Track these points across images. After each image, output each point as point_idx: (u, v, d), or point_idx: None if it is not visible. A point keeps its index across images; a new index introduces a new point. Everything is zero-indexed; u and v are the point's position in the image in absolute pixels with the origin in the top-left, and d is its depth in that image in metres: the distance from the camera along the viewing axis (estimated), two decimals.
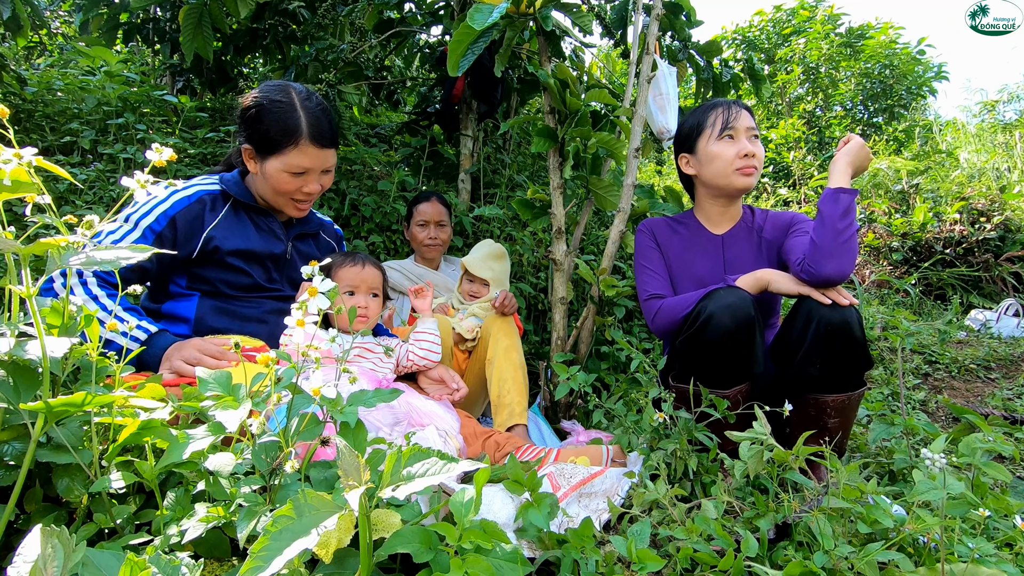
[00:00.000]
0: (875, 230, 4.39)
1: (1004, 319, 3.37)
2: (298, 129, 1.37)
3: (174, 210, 1.36)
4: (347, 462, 0.60)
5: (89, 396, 0.64)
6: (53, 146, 2.63)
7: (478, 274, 2.05)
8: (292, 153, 1.38)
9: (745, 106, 1.59)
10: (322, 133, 1.41)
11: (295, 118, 1.38)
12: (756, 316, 1.32)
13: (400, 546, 0.63)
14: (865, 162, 1.42)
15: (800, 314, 1.33)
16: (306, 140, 1.38)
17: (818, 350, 1.29)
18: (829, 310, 1.29)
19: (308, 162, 1.40)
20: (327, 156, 1.44)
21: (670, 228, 1.66)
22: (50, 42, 4.51)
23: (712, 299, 1.33)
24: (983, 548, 0.83)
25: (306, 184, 1.44)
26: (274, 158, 1.39)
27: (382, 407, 1.19)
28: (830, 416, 1.33)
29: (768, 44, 7.51)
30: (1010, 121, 6.94)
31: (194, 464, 0.76)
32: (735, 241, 1.60)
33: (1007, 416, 1.94)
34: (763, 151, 1.56)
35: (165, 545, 0.71)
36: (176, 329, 1.37)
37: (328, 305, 0.71)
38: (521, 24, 1.87)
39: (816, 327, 1.28)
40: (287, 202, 1.47)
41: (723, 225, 1.62)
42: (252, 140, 1.41)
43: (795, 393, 1.35)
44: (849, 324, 1.27)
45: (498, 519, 0.92)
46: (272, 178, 1.41)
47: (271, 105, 1.38)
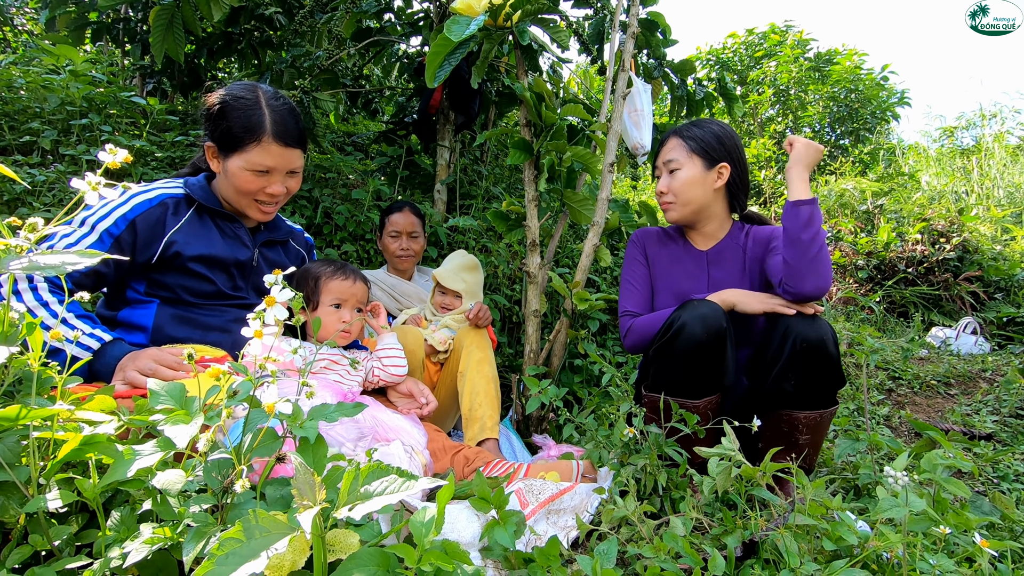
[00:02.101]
0: (841, 249, 4.50)
1: (963, 336, 3.48)
2: (261, 126, 1.33)
3: (134, 213, 1.30)
4: (302, 480, 0.58)
5: (25, 409, 0.60)
6: (12, 145, 2.53)
7: (450, 286, 2.03)
8: (255, 150, 1.34)
9: (678, 130, 1.58)
10: (287, 132, 1.37)
11: (259, 115, 1.34)
12: (728, 328, 1.33)
13: (356, 569, 0.60)
14: (816, 155, 1.41)
15: (777, 330, 1.34)
16: (269, 137, 1.34)
17: (793, 366, 1.30)
18: (805, 327, 1.30)
19: (271, 160, 1.36)
20: (292, 156, 1.40)
21: (660, 241, 1.65)
22: (14, 39, 4.37)
23: (685, 309, 1.35)
24: (944, 565, 0.84)
25: (269, 184, 1.39)
26: (236, 155, 1.35)
27: (346, 421, 1.16)
28: (802, 433, 1.34)
29: (740, 66, 7.73)
30: (967, 146, 7.25)
31: (141, 482, 0.72)
32: (720, 258, 1.58)
33: (966, 432, 2.00)
34: (680, 180, 1.52)
35: (105, 568, 0.67)
36: (133, 338, 1.30)
37: (287, 316, 0.68)
38: (499, 37, 1.87)
39: (792, 344, 1.30)
40: (250, 203, 1.42)
41: (708, 242, 1.60)
42: (215, 137, 1.36)
43: (769, 408, 1.36)
44: (824, 342, 1.28)
45: (463, 538, 0.90)
46: (234, 177, 1.37)
47: (235, 102, 1.35)
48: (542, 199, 2.05)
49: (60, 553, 0.72)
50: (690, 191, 1.52)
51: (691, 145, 1.53)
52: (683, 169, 1.53)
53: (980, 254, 4.24)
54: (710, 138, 1.53)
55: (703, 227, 1.60)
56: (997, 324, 3.83)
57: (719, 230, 1.59)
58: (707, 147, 1.52)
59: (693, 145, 1.53)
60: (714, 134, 1.54)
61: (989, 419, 2.19)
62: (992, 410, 2.30)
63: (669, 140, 1.58)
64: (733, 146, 1.54)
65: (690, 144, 1.53)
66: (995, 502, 1.24)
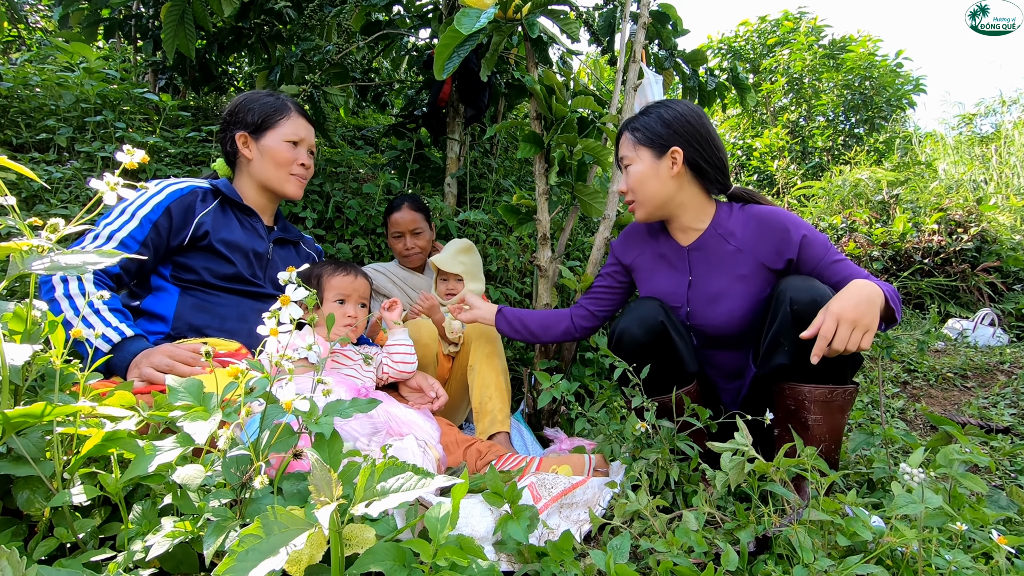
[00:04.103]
0: (856, 239, 4.45)
1: (980, 328, 3.43)
2: (286, 106, 1.58)
3: (168, 200, 1.42)
4: (319, 476, 0.59)
5: (49, 407, 0.61)
6: (28, 143, 2.57)
7: (449, 269, 2.04)
8: (286, 124, 1.56)
9: (627, 123, 1.47)
10: (305, 112, 1.62)
11: (281, 99, 1.59)
12: (668, 320, 1.35)
13: (372, 564, 0.61)
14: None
15: (775, 297, 1.29)
16: (295, 113, 1.58)
17: (785, 330, 1.23)
18: (799, 289, 1.24)
19: (302, 131, 1.58)
20: (311, 131, 1.63)
21: (643, 239, 1.57)
22: (28, 37, 4.41)
23: (625, 313, 1.37)
24: (960, 560, 0.83)
25: (300, 156, 1.58)
26: (270, 132, 1.54)
27: (360, 417, 1.17)
28: (810, 412, 1.25)
29: (753, 54, 7.61)
30: (987, 134, 7.10)
31: (161, 477, 0.74)
32: (703, 251, 1.45)
33: (983, 425, 1.97)
34: (633, 177, 1.42)
35: (129, 561, 0.68)
36: (154, 327, 1.36)
37: (301, 315, 0.69)
38: (508, 29, 1.86)
39: (786, 307, 1.24)
40: (287, 177, 1.57)
41: (688, 236, 1.48)
42: (245, 126, 1.54)
43: (772, 382, 1.31)
44: (817, 303, 1.20)
45: (476, 532, 0.91)
46: (271, 151, 1.54)
47: (256, 95, 1.57)
48: (553, 192, 2.04)
49: (84, 546, 0.74)
50: (645, 186, 1.40)
51: (637, 137, 1.42)
52: (634, 164, 1.42)
53: (999, 244, 4.16)
54: (654, 124, 1.40)
55: (679, 220, 1.47)
56: (1016, 315, 3.76)
57: (698, 220, 1.45)
58: (652, 135, 1.39)
59: (639, 136, 1.42)
60: (659, 118, 1.40)
61: (1007, 412, 2.16)
62: (1010, 403, 2.27)
63: (621, 135, 1.47)
64: (684, 125, 1.39)
65: (636, 136, 1.42)
66: (1012, 496, 1.23)
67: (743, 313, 1.39)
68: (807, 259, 1.34)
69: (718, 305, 1.41)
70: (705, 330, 1.45)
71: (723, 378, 1.51)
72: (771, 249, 1.36)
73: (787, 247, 1.34)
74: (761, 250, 1.38)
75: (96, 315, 1.21)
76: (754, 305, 1.38)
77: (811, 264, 1.34)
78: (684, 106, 1.43)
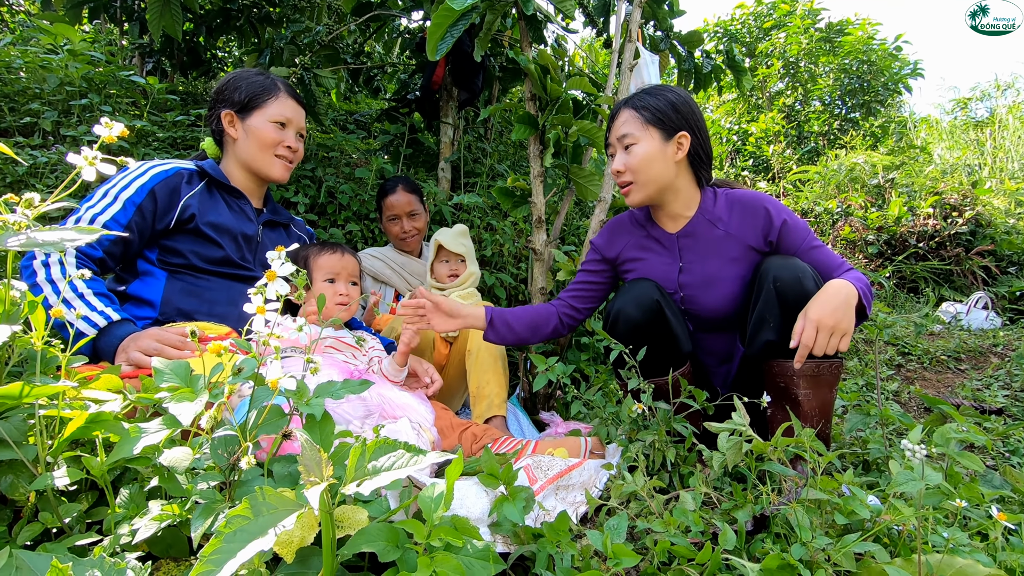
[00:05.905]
0: (851, 223, 4.44)
1: (974, 311, 3.44)
2: (275, 85, 1.53)
3: (152, 183, 1.38)
4: (308, 457, 0.57)
5: (28, 387, 0.59)
6: (12, 127, 2.51)
7: (453, 249, 2.00)
8: (273, 104, 1.51)
9: (628, 101, 1.42)
10: (295, 92, 1.57)
11: (271, 79, 1.54)
12: (663, 299, 1.35)
13: (365, 544, 0.60)
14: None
15: (758, 277, 1.31)
16: (284, 93, 1.53)
17: (769, 307, 1.26)
18: (781, 267, 1.26)
19: (289, 112, 1.53)
20: (301, 113, 1.57)
21: (628, 231, 1.54)
22: (11, 19, 4.31)
23: (620, 294, 1.36)
24: (958, 538, 0.83)
25: (287, 138, 1.53)
26: (257, 112, 1.50)
27: (353, 399, 1.16)
28: (799, 387, 1.26)
29: (749, 38, 7.54)
30: (981, 119, 7.09)
31: (148, 460, 0.72)
32: (693, 237, 1.44)
33: (976, 406, 1.98)
34: (637, 156, 1.37)
35: (116, 545, 0.67)
36: (141, 312, 1.33)
37: (289, 291, 0.67)
38: (502, 8, 1.82)
39: (769, 284, 1.26)
40: (272, 160, 1.53)
41: (677, 223, 1.46)
42: (232, 105, 1.50)
43: (762, 361, 1.32)
44: (800, 279, 1.24)
45: (472, 513, 0.90)
46: (257, 131, 1.49)
47: (245, 74, 1.53)
48: (548, 175, 2.02)
49: (70, 530, 0.72)
50: (651, 168, 1.37)
51: (646, 116, 1.37)
52: (640, 144, 1.37)
53: (993, 228, 4.17)
54: (665, 106, 1.37)
55: (669, 207, 1.45)
56: (1009, 298, 3.78)
57: (687, 208, 1.45)
58: (663, 116, 1.37)
59: (648, 116, 1.37)
60: (669, 101, 1.38)
61: (1000, 394, 2.17)
62: (1003, 385, 2.28)
63: (621, 113, 1.42)
64: (690, 112, 1.39)
65: (644, 115, 1.38)
66: (1006, 476, 1.23)
67: (736, 295, 1.40)
68: (787, 244, 1.38)
69: (714, 289, 1.41)
70: (699, 314, 1.45)
71: (714, 361, 1.52)
72: (757, 231, 1.40)
73: (770, 229, 1.38)
74: (748, 233, 1.40)
75: (80, 299, 1.18)
76: (745, 287, 1.40)
77: (790, 250, 1.38)
78: (687, 94, 1.44)
